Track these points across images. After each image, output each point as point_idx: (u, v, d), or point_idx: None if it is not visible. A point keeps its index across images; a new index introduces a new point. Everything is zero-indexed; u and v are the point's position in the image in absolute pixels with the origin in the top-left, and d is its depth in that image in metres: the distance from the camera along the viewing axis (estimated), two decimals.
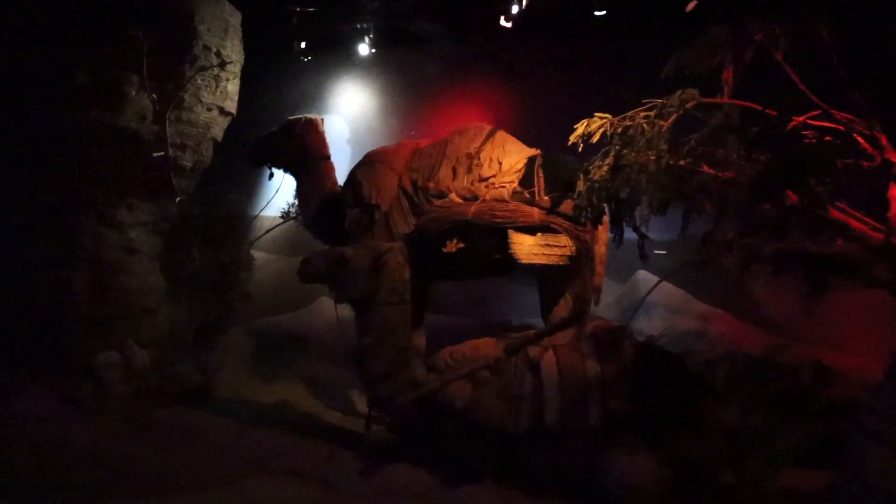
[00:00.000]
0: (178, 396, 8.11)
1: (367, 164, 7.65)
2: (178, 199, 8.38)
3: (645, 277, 9.53)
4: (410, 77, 11.50)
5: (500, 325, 9.11)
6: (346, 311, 7.07)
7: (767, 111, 4.55)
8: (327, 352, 9.58)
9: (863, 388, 4.68)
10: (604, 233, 6.75)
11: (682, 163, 4.80)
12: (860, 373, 5.96)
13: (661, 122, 4.97)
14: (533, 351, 6.19)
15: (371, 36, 10.49)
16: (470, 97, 10.51)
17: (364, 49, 10.67)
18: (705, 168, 4.76)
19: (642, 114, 5.11)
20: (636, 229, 5.28)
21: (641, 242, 5.40)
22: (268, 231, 9.58)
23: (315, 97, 11.66)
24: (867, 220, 4.47)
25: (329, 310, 7.37)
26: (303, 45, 10.60)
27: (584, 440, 5.70)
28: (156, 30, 7.89)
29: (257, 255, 9.84)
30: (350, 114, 11.99)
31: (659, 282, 7.28)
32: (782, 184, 4.42)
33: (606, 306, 8.52)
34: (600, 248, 6.92)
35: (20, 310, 8.03)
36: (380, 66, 11.59)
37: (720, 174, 4.69)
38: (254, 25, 9.15)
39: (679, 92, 4.95)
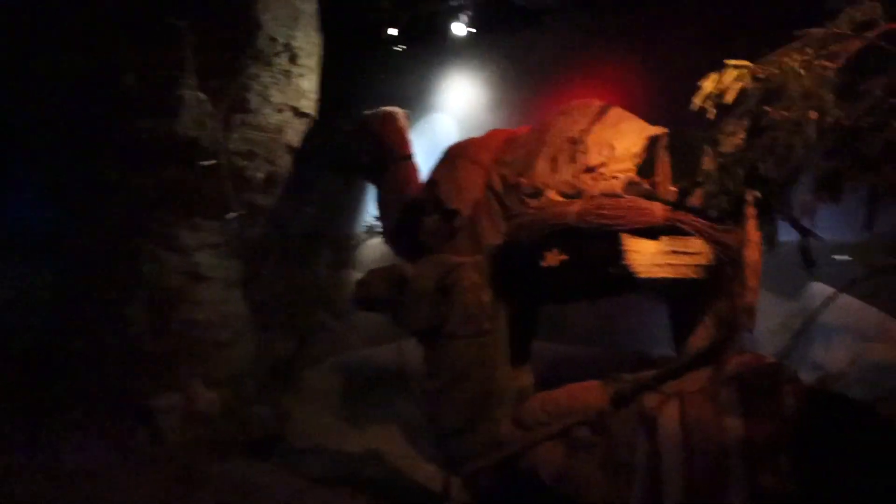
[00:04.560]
0: (248, 445, 7.12)
1: (448, 161, 6.28)
2: (228, 215, 7.26)
3: (822, 291, 7.35)
4: (524, 61, 10.13)
5: (635, 356, 7.48)
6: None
7: None
8: None
9: None
10: (756, 232, 5.01)
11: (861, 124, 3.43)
12: None
13: (825, 63, 3.55)
14: (650, 401, 4.56)
15: (468, 13, 9.15)
16: (595, 77, 8.80)
17: (460, 29, 9.39)
18: None
19: (795, 55, 3.66)
20: (795, 223, 4.27)
21: (805, 242, 4.33)
22: (354, 249, 8.41)
23: (416, 93, 10.48)
24: None
25: None
26: (394, 31, 9.39)
27: None
28: (206, 21, 6.86)
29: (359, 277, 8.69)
30: (458, 110, 10.82)
31: (833, 295, 5.46)
32: None
33: (770, 332, 6.78)
34: (752, 254, 5.13)
35: (73, 346, 7.34)
36: (487, 52, 10.35)
37: None
38: (333, 12, 8.08)
39: (848, 9, 3.50)
